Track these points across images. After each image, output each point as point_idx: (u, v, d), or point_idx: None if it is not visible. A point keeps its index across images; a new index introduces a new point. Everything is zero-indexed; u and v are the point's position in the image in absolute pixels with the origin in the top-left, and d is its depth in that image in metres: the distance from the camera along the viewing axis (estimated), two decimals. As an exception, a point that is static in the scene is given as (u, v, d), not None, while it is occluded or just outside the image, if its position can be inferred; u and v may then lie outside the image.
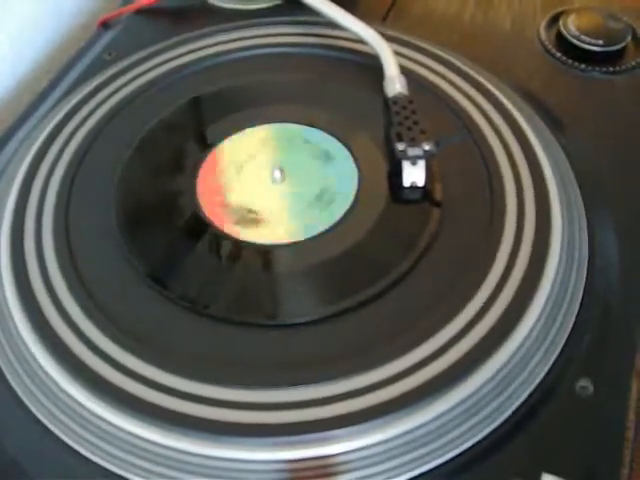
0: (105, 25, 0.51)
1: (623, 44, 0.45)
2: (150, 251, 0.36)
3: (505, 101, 0.41)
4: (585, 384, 0.31)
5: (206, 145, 0.40)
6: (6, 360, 0.33)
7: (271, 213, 0.37)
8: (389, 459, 0.29)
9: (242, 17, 0.49)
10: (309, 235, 0.35)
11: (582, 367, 0.31)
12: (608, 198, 0.38)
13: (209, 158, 0.40)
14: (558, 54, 0.46)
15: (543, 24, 0.48)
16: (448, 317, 0.32)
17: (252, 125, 0.41)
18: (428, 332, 0.31)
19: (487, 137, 0.39)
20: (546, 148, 0.38)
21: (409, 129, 0.37)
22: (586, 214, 0.37)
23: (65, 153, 0.40)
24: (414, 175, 0.36)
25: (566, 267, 0.34)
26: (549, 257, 0.33)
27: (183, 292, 0.34)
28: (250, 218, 0.36)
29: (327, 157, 0.39)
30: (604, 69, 0.45)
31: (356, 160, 0.39)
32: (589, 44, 0.45)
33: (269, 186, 0.38)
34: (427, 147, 0.36)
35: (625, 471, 0.29)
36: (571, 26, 0.46)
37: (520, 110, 0.40)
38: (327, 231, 0.36)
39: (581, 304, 0.33)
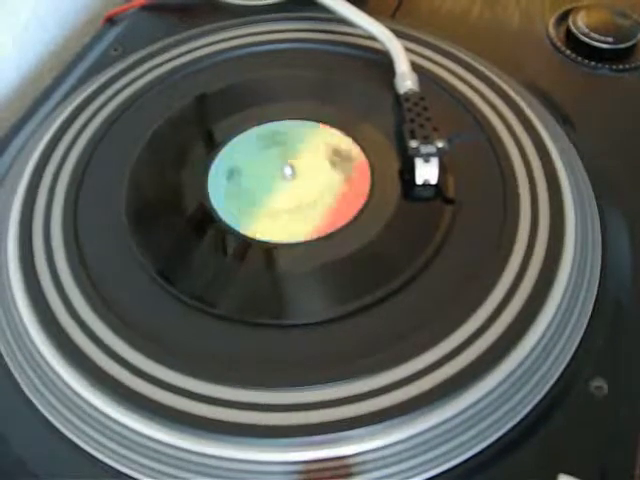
0: (111, 21, 0.51)
1: (633, 41, 0.45)
2: (159, 248, 0.35)
3: (516, 98, 0.41)
4: (600, 384, 0.31)
5: (216, 141, 0.40)
6: (14, 358, 0.33)
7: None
8: (404, 460, 0.29)
9: (250, 13, 0.49)
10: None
11: (596, 367, 0.31)
12: (619, 196, 0.38)
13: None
14: (567, 51, 0.46)
15: (552, 21, 0.48)
16: (462, 317, 0.31)
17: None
18: (442, 333, 0.31)
19: (500, 134, 0.39)
20: (558, 145, 0.38)
21: (421, 126, 0.37)
22: (598, 213, 0.37)
23: (74, 149, 0.40)
24: (427, 173, 0.36)
25: (579, 267, 0.33)
26: (563, 257, 0.33)
27: (195, 291, 0.33)
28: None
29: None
30: (614, 66, 0.45)
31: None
32: (599, 41, 0.45)
33: (279, 182, 0.38)
34: (440, 144, 0.36)
35: (639, 471, 0.29)
36: (580, 23, 0.46)
37: (531, 107, 0.40)
38: (339, 230, 0.35)
39: (594, 304, 0.33)
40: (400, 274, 0.33)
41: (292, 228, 0.36)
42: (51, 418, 0.31)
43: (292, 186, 0.38)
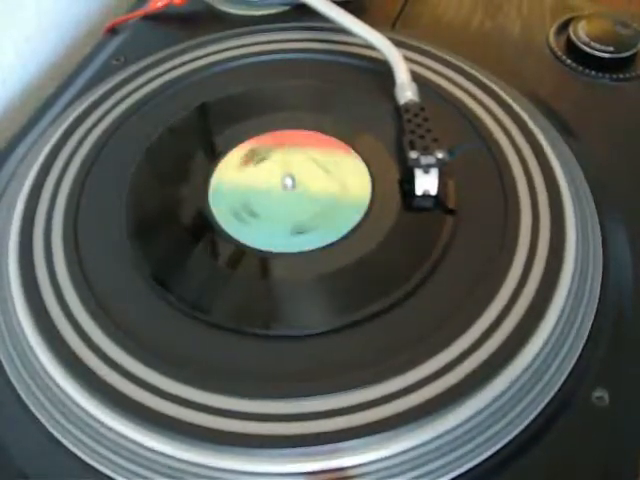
0: (112, 31, 0.51)
1: (633, 51, 0.45)
2: (162, 259, 0.36)
3: (517, 107, 0.40)
4: (601, 394, 0.31)
5: (216, 152, 0.40)
6: (14, 369, 0.33)
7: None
8: (404, 472, 0.28)
9: (250, 23, 0.49)
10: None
11: (598, 377, 0.31)
12: (620, 205, 0.38)
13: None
14: (568, 60, 0.46)
15: (553, 30, 0.48)
16: (463, 327, 0.31)
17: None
18: (442, 344, 0.31)
19: (500, 144, 0.38)
20: (559, 155, 0.38)
21: (421, 137, 0.37)
22: (599, 222, 0.37)
23: (75, 159, 0.40)
24: (427, 183, 0.36)
25: (580, 278, 0.33)
26: (564, 268, 0.33)
27: (197, 302, 0.33)
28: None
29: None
30: (614, 76, 0.45)
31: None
32: (599, 51, 0.45)
33: (280, 193, 0.38)
34: (440, 155, 0.36)
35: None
36: (581, 32, 0.46)
37: (532, 116, 0.40)
38: (339, 240, 0.35)
39: (595, 314, 0.33)
40: (399, 286, 0.33)
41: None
42: (53, 431, 0.31)
43: (292, 196, 0.38)
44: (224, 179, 0.39)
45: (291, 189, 0.38)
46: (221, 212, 0.37)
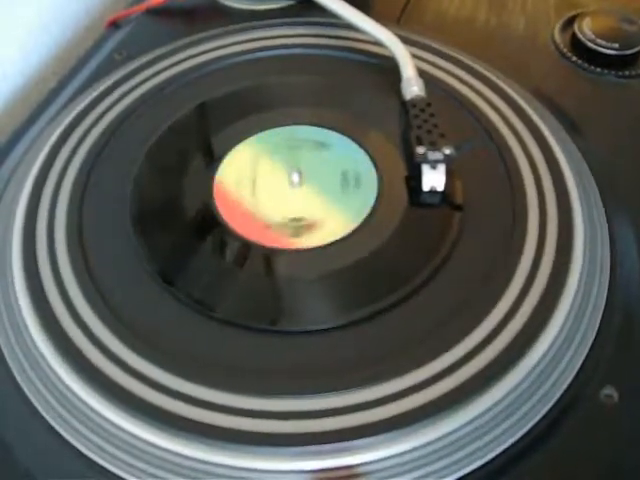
0: (114, 25, 0.51)
1: (639, 48, 0.45)
2: (167, 256, 0.35)
3: (523, 104, 0.40)
4: (610, 392, 0.31)
5: (221, 147, 0.40)
6: (20, 369, 0.32)
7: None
8: (412, 470, 0.28)
9: (254, 18, 0.48)
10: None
11: (606, 376, 0.31)
12: (627, 202, 0.38)
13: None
14: (573, 57, 0.46)
15: (558, 27, 0.48)
16: (470, 326, 0.31)
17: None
18: (450, 342, 0.31)
19: (507, 140, 0.38)
20: (565, 152, 0.38)
21: (428, 132, 0.37)
22: (606, 220, 0.36)
23: (77, 154, 0.40)
24: (434, 179, 0.36)
25: (588, 275, 0.33)
26: (572, 265, 0.33)
27: (205, 299, 0.33)
28: (298, 225, 0.36)
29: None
30: (620, 73, 0.44)
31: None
32: (605, 47, 0.45)
33: (286, 189, 0.38)
34: (447, 151, 0.36)
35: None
36: (586, 29, 0.46)
37: (538, 113, 0.40)
38: (345, 237, 0.35)
39: (603, 312, 0.33)
40: (407, 283, 0.33)
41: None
42: (59, 428, 0.30)
43: (299, 192, 0.38)
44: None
45: (297, 185, 0.38)
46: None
